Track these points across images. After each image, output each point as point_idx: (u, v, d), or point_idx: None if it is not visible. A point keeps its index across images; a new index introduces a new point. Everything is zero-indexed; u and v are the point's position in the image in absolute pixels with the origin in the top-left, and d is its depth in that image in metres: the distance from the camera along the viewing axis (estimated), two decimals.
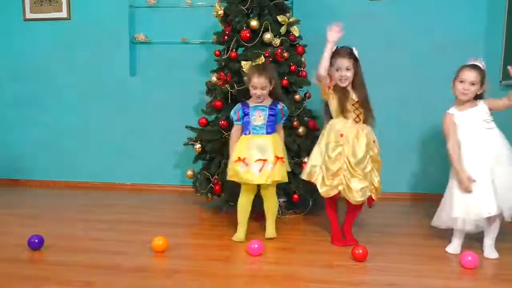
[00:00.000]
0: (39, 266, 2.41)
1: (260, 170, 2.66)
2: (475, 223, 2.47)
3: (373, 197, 2.68)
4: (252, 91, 2.77)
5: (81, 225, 3.12)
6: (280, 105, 2.83)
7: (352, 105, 2.66)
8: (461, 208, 2.50)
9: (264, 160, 2.67)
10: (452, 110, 2.61)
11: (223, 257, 2.53)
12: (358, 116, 2.67)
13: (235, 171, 2.71)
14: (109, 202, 3.79)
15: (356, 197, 2.60)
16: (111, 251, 2.62)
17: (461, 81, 2.55)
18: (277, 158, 2.70)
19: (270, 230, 2.86)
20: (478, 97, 2.60)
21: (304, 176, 2.77)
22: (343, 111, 2.66)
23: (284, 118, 2.89)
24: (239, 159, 2.69)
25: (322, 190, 2.67)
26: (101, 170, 4.33)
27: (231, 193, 3.12)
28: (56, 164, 4.40)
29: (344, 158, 2.61)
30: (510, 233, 2.80)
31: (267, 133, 2.76)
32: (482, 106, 2.56)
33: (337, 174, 2.63)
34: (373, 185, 2.65)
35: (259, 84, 2.73)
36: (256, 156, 2.68)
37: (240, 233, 2.80)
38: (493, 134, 2.54)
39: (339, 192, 2.64)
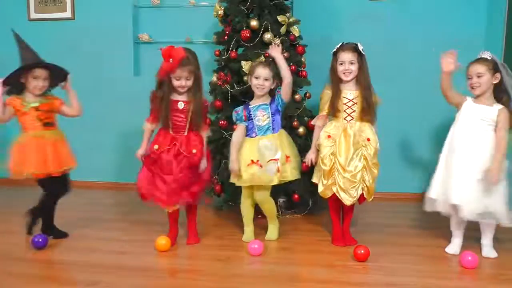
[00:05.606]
0: (43, 266, 2.44)
1: (278, 170, 2.64)
2: (444, 207, 2.53)
3: (365, 196, 2.66)
4: (254, 82, 2.70)
5: (85, 224, 3.15)
6: (276, 94, 2.74)
7: (344, 104, 2.66)
8: (437, 190, 2.57)
9: (276, 160, 2.65)
10: (469, 97, 2.58)
11: (223, 257, 2.55)
12: (350, 114, 2.66)
13: (252, 174, 2.65)
14: (112, 201, 3.80)
15: (347, 197, 2.61)
16: (115, 251, 2.65)
17: (469, 78, 2.54)
18: (287, 157, 2.69)
19: (270, 231, 2.86)
20: (502, 94, 2.53)
21: (313, 178, 2.79)
22: (334, 111, 2.68)
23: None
24: (253, 162, 2.65)
25: (320, 190, 2.70)
26: (104, 169, 4.35)
27: (231, 193, 3.14)
28: None
29: (335, 158, 2.62)
30: (509, 233, 2.80)
31: (274, 132, 2.72)
32: (493, 110, 2.50)
33: (330, 174, 2.64)
34: (365, 183, 2.63)
35: (262, 74, 2.67)
36: (268, 157, 2.65)
37: (248, 233, 2.82)
38: (486, 138, 2.49)
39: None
